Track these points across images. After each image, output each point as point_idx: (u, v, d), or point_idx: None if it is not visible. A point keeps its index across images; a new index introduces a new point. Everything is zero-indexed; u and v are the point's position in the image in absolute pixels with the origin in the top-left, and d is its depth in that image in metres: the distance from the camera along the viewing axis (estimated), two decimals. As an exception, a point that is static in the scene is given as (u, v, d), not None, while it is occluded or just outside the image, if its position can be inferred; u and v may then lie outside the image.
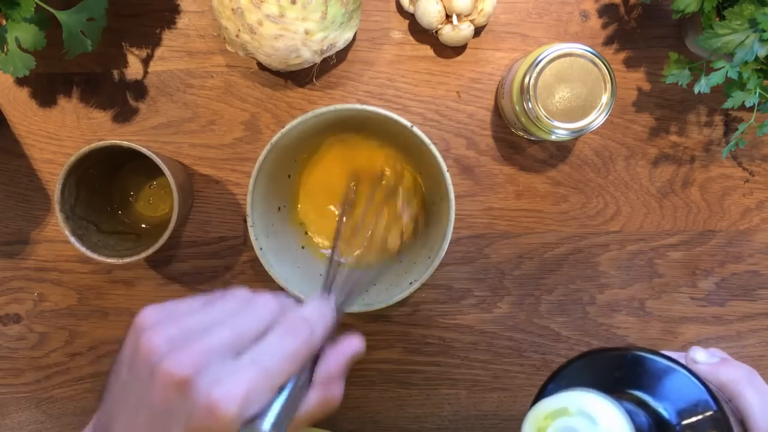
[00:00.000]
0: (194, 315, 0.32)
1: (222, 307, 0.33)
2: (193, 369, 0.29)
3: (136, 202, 0.58)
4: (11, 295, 0.59)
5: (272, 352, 0.31)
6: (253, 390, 0.29)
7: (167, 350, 0.29)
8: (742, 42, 0.45)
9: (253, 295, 0.34)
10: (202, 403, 0.28)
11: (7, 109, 0.57)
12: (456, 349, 0.60)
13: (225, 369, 0.29)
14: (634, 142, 0.58)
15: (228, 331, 0.31)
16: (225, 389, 0.28)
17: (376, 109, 0.48)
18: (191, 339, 0.30)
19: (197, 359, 0.29)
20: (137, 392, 0.30)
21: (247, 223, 0.50)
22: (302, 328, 0.33)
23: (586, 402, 0.25)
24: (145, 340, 0.30)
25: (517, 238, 0.59)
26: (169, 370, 0.29)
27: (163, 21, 0.56)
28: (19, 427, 0.61)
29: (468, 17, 0.53)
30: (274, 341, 0.31)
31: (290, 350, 0.31)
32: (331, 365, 0.34)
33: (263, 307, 0.33)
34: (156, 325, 0.31)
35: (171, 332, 0.30)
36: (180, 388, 0.28)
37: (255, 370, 0.30)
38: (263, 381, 0.30)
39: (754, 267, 0.60)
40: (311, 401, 0.33)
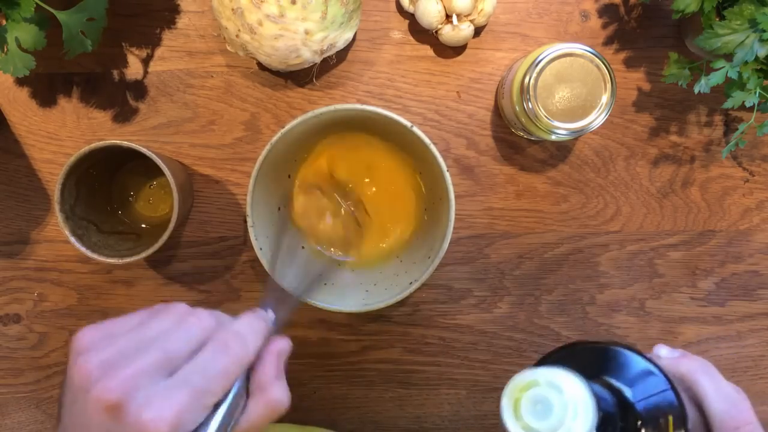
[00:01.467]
0: (128, 335, 0.32)
1: (155, 326, 0.33)
2: (122, 393, 0.29)
3: (136, 202, 0.58)
4: (11, 295, 0.59)
5: (203, 371, 0.31)
6: (184, 410, 0.29)
7: (99, 375, 0.30)
8: (742, 42, 0.45)
9: (188, 312, 0.34)
10: (133, 427, 0.28)
11: (7, 109, 0.57)
12: (456, 349, 0.60)
13: (155, 391, 0.29)
14: (634, 142, 0.58)
15: (158, 351, 0.31)
16: (155, 411, 0.29)
17: (376, 109, 0.48)
18: (122, 362, 0.30)
19: (127, 383, 0.29)
20: (78, 416, 0.31)
21: (247, 223, 0.50)
22: (233, 343, 0.33)
23: (554, 375, 0.29)
24: (80, 365, 0.30)
25: (517, 238, 0.59)
26: (99, 395, 0.29)
27: (163, 21, 0.56)
28: (19, 427, 0.61)
29: (468, 17, 0.53)
30: (205, 359, 0.32)
31: (221, 367, 0.32)
32: (262, 370, 0.34)
33: (196, 324, 0.33)
34: (90, 348, 0.31)
35: (103, 356, 0.30)
36: (112, 413, 0.29)
37: (185, 389, 0.30)
38: (194, 400, 0.30)
39: (754, 267, 0.60)
40: (253, 412, 0.34)
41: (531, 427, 0.28)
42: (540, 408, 0.28)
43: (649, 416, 0.33)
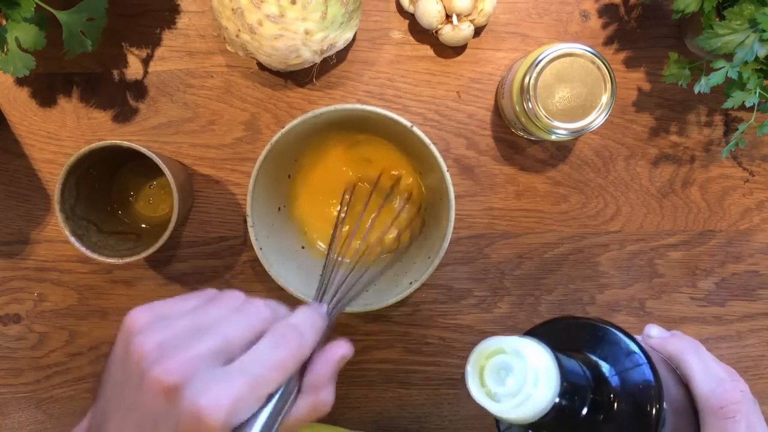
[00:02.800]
0: (184, 318, 0.32)
1: (213, 312, 0.33)
2: (181, 376, 0.29)
3: (136, 202, 0.58)
4: (11, 295, 0.59)
5: (261, 361, 0.31)
6: (240, 399, 0.29)
7: (157, 356, 0.30)
8: (742, 42, 0.45)
9: (245, 301, 0.34)
10: (189, 411, 0.28)
11: (7, 109, 0.57)
12: (456, 349, 0.60)
13: (213, 377, 0.29)
14: (634, 142, 0.58)
15: (218, 337, 0.31)
16: (212, 397, 0.29)
17: (376, 109, 0.48)
18: (181, 345, 0.30)
19: (186, 367, 0.29)
20: (129, 395, 0.30)
21: (247, 223, 0.50)
22: (292, 336, 0.33)
23: (519, 344, 0.29)
24: (136, 345, 0.30)
25: (517, 238, 0.59)
26: (158, 377, 0.29)
27: (163, 21, 0.56)
28: (19, 427, 0.61)
29: (468, 17, 0.53)
30: (263, 350, 0.32)
31: (279, 359, 0.32)
32: (319, 371, 0.34)
33: (255, 314, 0.33)
34: (146, 328, 0.31)
35: (161, 337, 0.30)
36: (168, 395, 0.29)
37: (243, 378, 0.30)
38: (251, 390, 0.30)
39: (754, 267, 0.60)
40: (300, 408, 0.34)
41: (492, 393, 0.30)
42: (503, 374, 0.29)
43: (623, 391, 0.33)
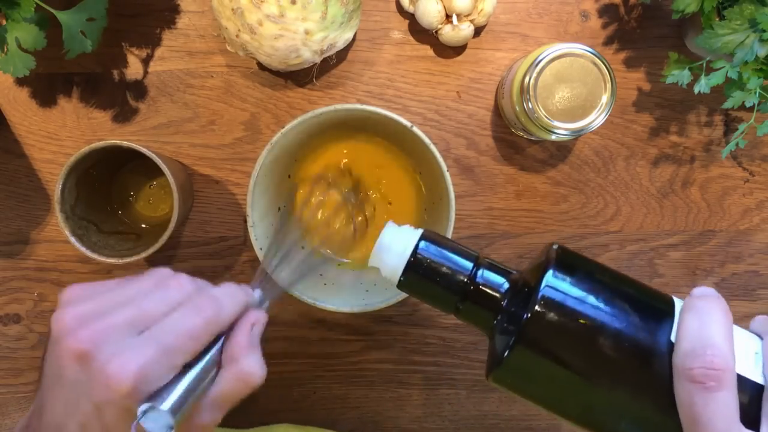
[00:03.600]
0: (109, 293, 0.33)
1: (136, 286, 0.34)
2: (91, 344, 0.30)
3: (136, 202, 0.58)
4: (11, 295, 0.59)
5: (173, 329, 0.32)
6: (149, 366, 0.30)
7: (73, 327, 0.31)
8: (742, 42, 0.45)
9: (170, 275, 0.35)
10: (98, 377, 0.29)
11: (7, 109, 0.57)
12: (456, 349, 0.60)
13: (123, 345, 0.30)
14: (634, 142, 0.58)
15: (133, 308, 0.32)
16: (120, 363, 0.29)
17: (376, 109, 0.48)
18: (97, 316, 0.31)
19: (97, 335, 0.30)
20: (53, 368, 0.32)
21: (247, 223, 0.50)
22: (207, 306, 0.33)
23: (393, 227, 0.37)
24: (59, 318, 0.32)
25: (517, 238, 0.59)
26: (70, 345, 0.30)
27: (163, 21, 0.56)
28: (19, 427, 0.61)
29: (468, 17, 0.53)
30: (176, 318, 0.32)
31: (191, 327, 0.32)
32: (235, 340, 0.34)
33: (175, 287, 0.34)
34: (72, 302, 0.32)
35: (80, 310, 0.32)
36: (80, 362, 0.30)
37: (153, 346, 0.30)
38: (161, 357, 0.30)
39: (754, 267, 0.60)
40: (223, 381, 0.34)
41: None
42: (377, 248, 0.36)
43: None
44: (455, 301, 0.36)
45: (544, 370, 0.33)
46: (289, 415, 0.60)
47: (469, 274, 0.35)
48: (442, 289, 0.36)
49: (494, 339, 0.36)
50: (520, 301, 0.34)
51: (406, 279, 0.36)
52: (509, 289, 0.35)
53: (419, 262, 0.35)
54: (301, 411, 0.60)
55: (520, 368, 0.33)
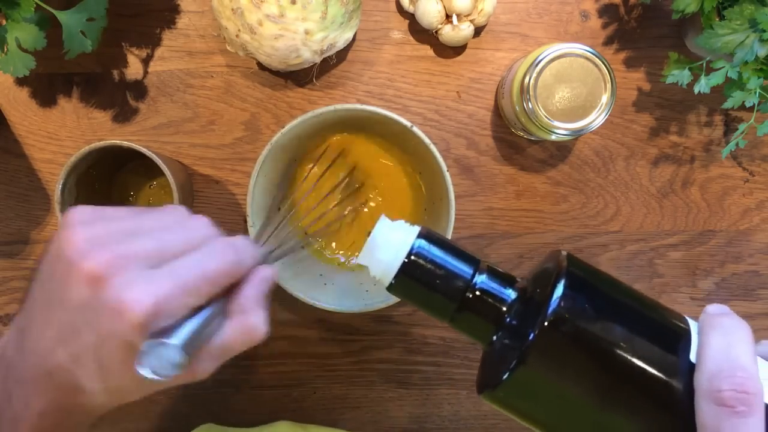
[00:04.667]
0: (124, 220, 0.32)
1: (154, 220, 0.32)
2: (107, 268, 0.28)
3: (136, 202, 0.58)
4: (11, 295, 0.59)
5: (191, 268, 0.30)
6: (164, 299, 0.29)
7: (87, 248, 0.29)
8: (742, 42, 0.45)
9: (188, 215, 0.34)
10: (111, 304, 0.28)
11: (7, 109, 0.57)
12: (456, 349, 0.60)
13: (140, 275, 0.29)
14: (634, 142, 0.58)
15: (153, 240, 0.30)
16: (135, 293, 0.28)
17: (376, 109, 0.48)
18: (113, 242, 0.30)
19: (114, 261, 0.29)
20: (54, 290, 0.30)
21: (247, 223, 0.50)
22: (228, 252, 0.32)
23: (386, 222, 0.33)
24: (68, 236, 0.30)
25: (517, 238, 0.59)
26: (83, 267, 0.28)
27: (163, 21, 0.56)
28: (19, 427, 0.61)
29: (468, 17, 0.53)
30: (196, 257, 0.31)
31: (210, 269, 0.31)
32: (246, 293, 0.34)
33: (195, 227, 0.33)
34: (84, 223, 0.30)
35: (97, 231, 0.30)
36: (92, 286, 0.28)
37: (170, 281, 0.29)
38: (177, 294, 0.29)
39: (754, 267, 0.60)
40: (228, 331, 0.33)
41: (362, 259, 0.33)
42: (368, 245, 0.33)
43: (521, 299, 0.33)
44: (451, 310, 0.32)
45: (550, 393, 0.29)
46: (289, 415, 0.60)
47: (470, 280, 0.32)
48: (439, 295, 0.32)
49: (492, 354, 0.32)
50: (525, 314, 0.31)
51: (398, 282, 0.32)
52: (514, 300, 0.32)
53: (415, 264, 0.32)
54: (301, 411, 0.60)
55: (521, 389, 0.29)
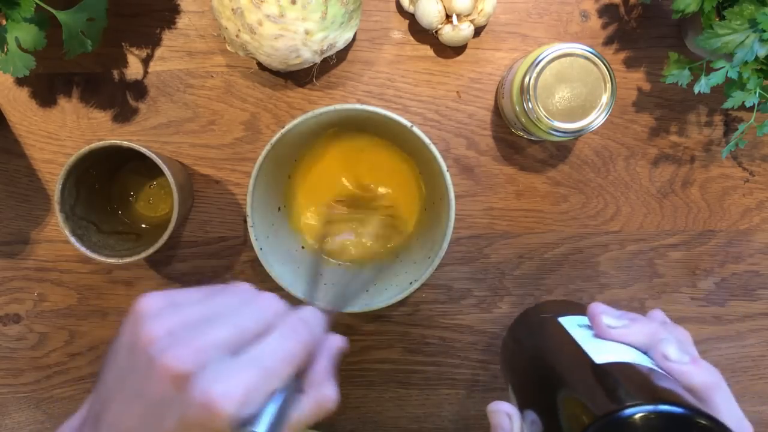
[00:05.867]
0: (195, 306, 0.31)
1: (224, 301, 0.32)
2: (192, 365, 0.28)
3: (136, 202, 0.58)
4: (11, 295, 0.59)
5: (272, 353, 0.31)
6: (251, 390, 0.29)
7: (168, 343, 0.29)
8: (742, 42, 0.45)
9: (255, 293, 0.34)
10: (199, 400, 0.28)
11: (7, 109, 0.57)
12: (456, 349, 0.60)
13: (224, 367, 0.29)
14: (634, 142, 0.58)
15: (230, 327, 0.30)
16: (224, 387, 0.28)
17: (376, 109, 0.48)
18: (192, 333, 0.29)
19: (197, 355, 0.29)
20: (134, 382, 0.30)
21: (247, 223, 0.50)
22: (302, 329, 0.32)
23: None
24: (146, 330, 0.29)
25: (517, 238, 0.59)
26: (168, 363, 0.28)
27: (163, 21, 0.56)
28: (19, 427, 0.61)
29: (468, 17, 0.53)
30: (274, 342, 0.31)
31: (290, 352, 0.31)
32: (319, 367, 0.34)
33: (266, 306, 0.33)
34: (157, 314, 0.30)
35: (172, 323, 0.30)
36: (178, 383, 0.28)
37: (254, 369, 0.29)
38: (262, 381, 0.29)
39: (754, 267, 0.60)
40: (304, 405, 0.33)
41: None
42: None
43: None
44: None
45: None
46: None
47: None
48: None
49: None
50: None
51: None
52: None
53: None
54: (301, 411, 0.60)
55: None
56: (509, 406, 0.37)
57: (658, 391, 0.31)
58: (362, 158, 0.56)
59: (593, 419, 0.29)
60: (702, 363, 0.36)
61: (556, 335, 0.39)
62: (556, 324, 0.41)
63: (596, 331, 0.38)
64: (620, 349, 0.36)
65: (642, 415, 0.28)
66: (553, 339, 0.40)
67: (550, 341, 0.40)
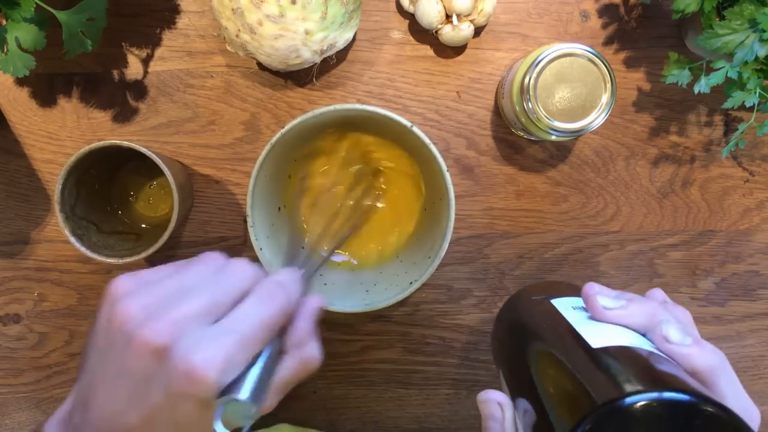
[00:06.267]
0: (168, 281, 0.32)
1: (197, 273, 0.33)
2: (170, 336, 0.29)
3: (136, 202, 0.58)
4: (11, 295, 0.59)
5: (250, 318, 0.31)
6: (231, 356, 0.29)
7: (143, 318, 0.29)
8: (742, 42, 0.45)
9: (227, 260, 0.34)
10: (180, 370, 0.28)
11: (7, 109, 0.57)
12: (456, 349, 0.60)
13: (203, 335, 0.29)
14: (634, 142, 0.58)
15: (204, 297, 0.31)
16: (203, 355, 0.28)
17: (376, 109, 0.48)
18: (167, 306, 0.30)
19: (174, 327, 0.29)
20: (115, 361, 0.30)
21: (247, 223, 0.50)
22: (278, 293, 0.33)
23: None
24: (120, 309, 0.30)
25: (517, 238, 0.59)
26: (146, 338, 0.29)
27: (163, 21, 0.56)
28: (19, 427, 0.61)
29: (468, 17, 0.53)
30: (251, 307, 0.31)
31: (267, 316, 0.31)
32: (300, 326, 0.34)
33: (239, 273, 0.33)
34: (130, 293, 0.31)
35: (146, 300, 0.30)
36: (158, 356, 0.28)
37: (233, 336, 0.30)
38: (241, 347, 0.30)
39: (754, 267, 0.60)
40: (288, 366, 0.34)
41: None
42: None
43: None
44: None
45: None
46: (289, 415, 0.60)
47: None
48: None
49: None
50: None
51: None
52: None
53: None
54: (301, 411, 0.60)
55: None
56: (500, 395, 0.36)
57: (661, 377, 0.29)
58: (362, 158, 0.56)
59: (592, 408, 0.27)
60: (705, 344, 0.35)
61: (549, 318, 0.38)
62: (549, 306, 0.39)
63: (592, 313, 0.36)
64: (618, 331, 0.34)
65: (645, 403, 0.27)
66: (546, 323, 0.38)
67: (542, 325, 0.38)
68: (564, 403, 0.31)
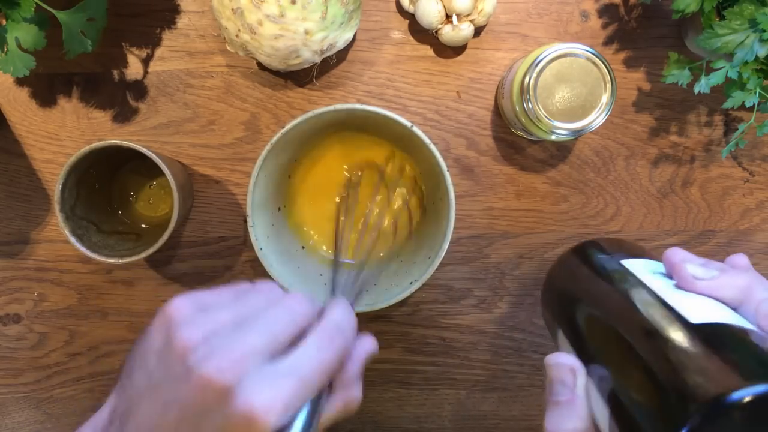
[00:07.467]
0: (226, 310, 0.31)
1: (254, 304, 0.32)
2: (231, 374, 0.28)
3: (136, 202, 0.58)
4: (11, 295, 0.59)
5: (310, 362, 0.30)
6: (290, 400, 0.29)
7: (205, 352, 0.29)
8: (742, 42, 0.45)
9: (282, 294, 0.34)
10: (240, 412, 0.28)
11: (7, 109, 0.57)
12: (456, 349, 0.60)
13: (264, 377, 0.29)
14: (634, 142, 0.58)
15: (264, 333, 0.30)
16: (265, 398, 0.28)
17: (376, 109, 0.48)
18: (227, 340, 0.29)
19: (237, 366, 0.28)
20: (169, 388, 0.29)
21: (247, 223, 0.50)
22: (337, 338, 0.32)
23: None
24: (179, 337, 0.29)
25: (517, 238, 0.59)
26: (209, 375, 0.28)
27: (163, 21, 0.56)
28: (19, 427, 0.61)
29: (468, 17, 0.53)
30: (311, 350, 0.31)
31: (327, 361, 0.31)
32: (350, 369, 0.34)
33: (297, 308, 0.32)
34: (189, 320, 0.30)
35: (205, 329, 0.30)
36: (219, 394, 0.28)
37: (293, 380, 0.29)
38: (300, 391, 0.29)
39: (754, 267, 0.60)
40: (332, 406, 0.33)
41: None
42: None
43: None
44: None
45: None
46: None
47: None
48: None
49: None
50: None
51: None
52: None
53: None
54: (301, 411, 0.60)
55: None
56: (573, 360, 0.33)
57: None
58: (362, 158, 0.56)
59: (709, 399, 0.24)
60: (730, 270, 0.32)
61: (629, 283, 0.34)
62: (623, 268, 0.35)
63: (679, 282, 0.32)
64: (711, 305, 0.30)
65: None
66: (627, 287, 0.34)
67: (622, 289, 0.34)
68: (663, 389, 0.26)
